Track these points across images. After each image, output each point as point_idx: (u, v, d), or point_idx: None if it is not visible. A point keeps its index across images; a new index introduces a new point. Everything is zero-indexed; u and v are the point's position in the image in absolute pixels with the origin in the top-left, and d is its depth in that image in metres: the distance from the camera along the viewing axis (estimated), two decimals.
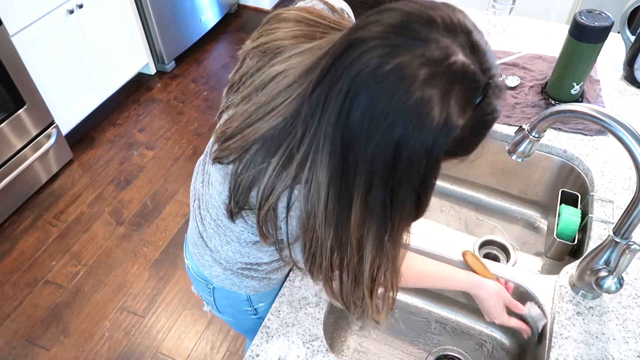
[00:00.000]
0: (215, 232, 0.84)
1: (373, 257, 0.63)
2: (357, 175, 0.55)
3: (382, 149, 0.53)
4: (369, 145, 0.53)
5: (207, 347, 1.82)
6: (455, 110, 0.51)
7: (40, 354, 1.81)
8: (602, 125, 0.74)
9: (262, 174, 0.65)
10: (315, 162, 0.59)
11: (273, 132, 0.63)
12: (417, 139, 0.52)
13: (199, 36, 3.24)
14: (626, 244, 0.80)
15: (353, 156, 0.55)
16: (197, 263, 0.95)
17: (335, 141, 0.55)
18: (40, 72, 2.22)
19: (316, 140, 0.58)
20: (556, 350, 0.86)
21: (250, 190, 0.67)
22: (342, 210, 0.59)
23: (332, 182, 0.58)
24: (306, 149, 0.60)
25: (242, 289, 0.93)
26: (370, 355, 1.07)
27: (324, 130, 0.56)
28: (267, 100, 0.65)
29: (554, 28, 1.65)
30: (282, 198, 0.64)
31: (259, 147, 0.65)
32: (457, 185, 1.41)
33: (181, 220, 2.25)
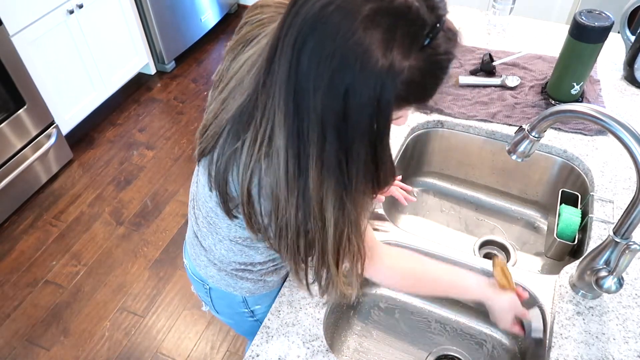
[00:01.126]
0: (208, 230, 0.84)
1: (335, 220, 0.61)
2: (310, 130, 0.54)
3: (331, 95, 0.51)
4: (318, 93, 0.52)
5: (207, 347, 1.82)
6: (400, 51, 0.50)
7: (40, 354, 1.81)
8: (602, 125, 0.74)
9: (235, 155, 0.64)
10: (274, 129, 0.58)
11: (241, 110, 0.62)
12: (364, 81, 0.50)
13: (199, 36, 3.24)
14: (626, 244, 0.80)
15: (305, 110, 0.53)
16: (193, 263, 0.95)
17: (288, 98, 0.54)
18: (40, 72, 2.22)
19: (273, 105, 0.57)
20: (556, 350, 0.86)
21: (227, 175, 0.66)
22: (302, 174, 0.58)
23: (289, 144, 0.57)
24: (267, 118, 0.58)
25: (237, 290, 0.93)
26: (370, 355, 1.07)
27: (278, 90, 0.55)
28: (237, 84, 0.65)
29: (554, 28, 1.65)
30: (254, 178, 0.63)
31: (229, 129, 0.64)
32: (457, 185, 1.41)
33: (181, 220, 2.25)
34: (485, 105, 1.33)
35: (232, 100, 0.65)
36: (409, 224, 1.32)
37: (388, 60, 0.49)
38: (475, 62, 1.47)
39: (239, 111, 0.63)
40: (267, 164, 0.60)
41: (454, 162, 1.38)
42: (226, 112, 0.65)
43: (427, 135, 1.34)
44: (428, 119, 1.32)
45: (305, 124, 0.54)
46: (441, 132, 1.33)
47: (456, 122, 1.31)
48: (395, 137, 1.27)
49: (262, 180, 0.62)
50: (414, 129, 1.31)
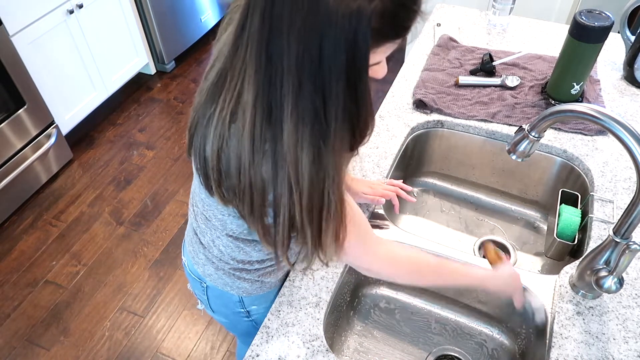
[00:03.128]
0: (206, 226, 0.84)
1: (311, 176, 0.57)
2: (285, 80, 0.53)
3: (305, 38, 0.51)
4: (291, 39, 0.51)
5: (207, 347, 1.82)
6: None
7: (40, 354, 1.81)
8: (602, 125, 0.74)
9: (209, 123, 0.62)
10: (243, 85, 0.56)
11: (218, 76, 0.62)
12: (337, 18, 0.50)
13: (199, 36, 3.24)
14: (626, 244, 0.80)
15: (278, 59, 0.52)
16: (192, 261, 0.96)
17: (260, 49, 0.53)
18: (40, 72, 2.22)
19: (245, 61, 0.55)
20: (556, 350, 0.86)
21: (205, 145, 0.64)
22: (271, 129, 0.56)
23: (257, 99, 0.55)
24: (237, 76, 0.57)
25: (234, 289, 0.93)
26: (370, 355, 1.07)
27: (250, 43, 0.54)
28: (218, 56, 0.65)
29: (554, 28, 1.65)
30: (222, 141, 0.60)
31: (207, 99, 0.63)
32: (457, 185, 1.41)
33: (181, 220, 2.25)
34: (485, 105, 1.33)
35: (212, 71, 0.64)
36: (409, 224, 1.32)
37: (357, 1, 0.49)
38: (475, 62, 1.47)
39: (215, 78, 0.62)
40: (235, 124, 0.59)
41: (454, 162, 1.38)
42: (206, 82, 0.65)
43: (427, 135, 1.34)
44: (428, 119, 1.32)
45: (278, 74, 0.53)
46: (441, 132, 1.33)
47: (456, 122, 1.31)
48: (395, 137, 1.27)
49: (230, 142, 0.60)
50: (414, 129, 1.31)
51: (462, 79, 1.40)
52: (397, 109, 1.35)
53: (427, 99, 1.33)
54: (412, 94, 1.39)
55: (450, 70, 1.45)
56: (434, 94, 1.36)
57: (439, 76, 1.43)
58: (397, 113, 1.34)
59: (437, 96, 1.36)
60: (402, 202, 1.35)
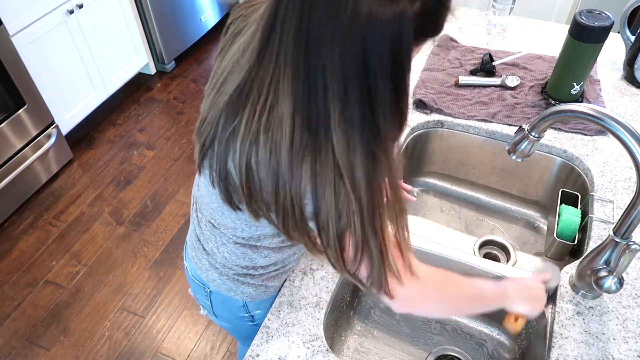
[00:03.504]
0: (211, 233, 0.83)
1: (368, 178, 0.56)
2: (329, 86, 0.52)
3: (349, 46, 0.50)
4: (334, 47, 0.50)
5: (207, 347, 1.82)
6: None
7: (40, 354, 1.81)
8: (602, 125, 0.74)
9: (234, 135, 0.60)
10: (277, 96, 0.55)
11: (239, 90, 0.60)
12: (382, 25, 0.50)
13: (199, 36, 3.24)
14: (626, 244, 0.80)
15: (319, 67, 0.52)
16: (195, 266, 0.94)
17: (297, 59, 0.52)
18: (40, 72, 2.22)
19: (276, 73, 0.55)
20: (556, 350, 0.86)
21: (227, 159, 0.62)
22: (315, 139, 0.55)
23: (297, 109, 0.54)
24: (267, 88, 0.56)
25: (238, 294, 0.92)
26: (370, 355, 1.07)
27: (283, 55, 0.53)
28: (231, 69, 0.63)
29: (554, 28, 1.65)
30: (252, 154, 0.59)
31: (227, 111, 0.61)
32: (457, 185, 1.41)
33: (181, 220, 2.25)
34: (485, 105, 1.33)
35: (228, 85, 0.62)
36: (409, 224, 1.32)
37: (399, 4, 0.49)
38: (475, 62, 1.47)
39: (236, 92, 0.60)
40: (267, 136, 0.57)
41: (454, 162, 1.38)
42: (222, 96, 0.62)
43: (427, 135, 1.34)
44: (428, 119, 1.32)
45: (319, 82, 0.52)
46: (441, 132, 1.33)
47: (456, 122, 1.31)
48: None
49: (261, 155, 0.58)
50: (414, 129, 1.31)
51: (462, 79, 1.40)
52: None
53: (427, 99, 1.33)
54: (412, 94, 1.39)
55: (450, 70, 1.45)
56: (434, 94, 1.36)
57: (439, 76, 1.43)
58: None
59: (437, 96, 1.36)
60: None
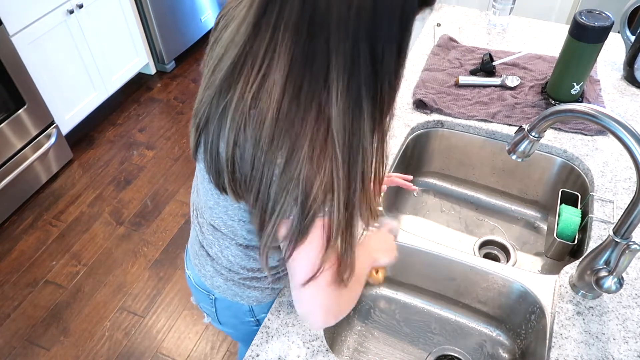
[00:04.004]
0: (213, 237, 0.83)
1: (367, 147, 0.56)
2: (335, 47, 0.51)
3: (360, 7, 0.49)
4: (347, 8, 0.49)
5: (207, 347, 1.82)
6: None
7: (40, 354, 1.81)
8: (602, 125, 0.74)
9: (225, 111, 0.58)
10: (271, 65, 0.54)
11: (233, 64, 0.58)
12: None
13: (199, 36, 3.24)
14: (626, 244, 0.80)
15: (325, 25, 0.50)
16: (198, 274, 0.93)
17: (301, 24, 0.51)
18: (40, 72, 2.22)
19: (275, 38, 0.53)
20: (556, 350, 0.86)
21: (219, 139, 0.60)
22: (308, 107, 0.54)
23: (291, 75, 0.52)
24: (262, 58, 0.54)
25: (244, 299, 0.91)
26: (370, 355, 1.07)
27: (287, 15, 0.51)
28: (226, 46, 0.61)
29: (554, 28, 1.65)
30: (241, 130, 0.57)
31: (222, 88, 0.59)
32: (457, 185, 1.41)
33: (181, 220, 2.25)
34: (485, 105, 1.33)
35: (223, 62, 0.60)
36: (409, 223, 1.32)
37: None
38: (475, 62, 1.47)
39: (231, 67, 0.58)
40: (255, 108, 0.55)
41: (454, 162, 1.38)
42: (218, 73, 0.60)
43: (427, 135, 1.34)
44: (428, 119, 1.32)
45: (321, 43, 0.51)
46: (441, 132, 1.33)
47: (456, 122, 1.31)
48: (395, 137, 1.27)
49: (249, 130, 0.56)
50: (414, 129, 1.31)
51: (462, 79, 1.40)
52: (397, 109, 1.35)
53: (427, 99, 1.33)
54: (412, 94, 1.39)
55: (450, 70, 1.45)
56: (434, 94, 1.36)
57: (439, 76, 1.43)
58: (397, 113, 1.34)
59: (437, 96, 1.36)
60: (403, 202, 1.36)
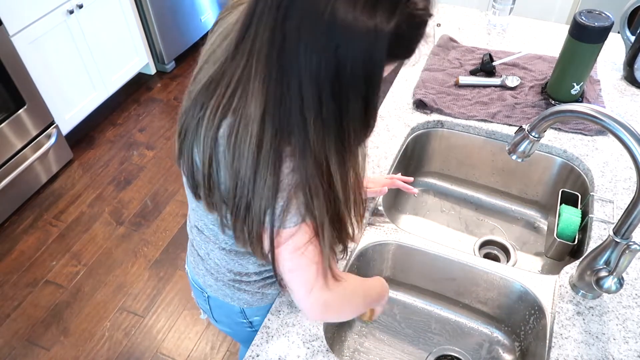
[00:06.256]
0: (200, 239, 0.84)
1: (341, 176, 0.62)
2: (304, 90, 0.54)
3: (325, 55, 0.52)
4: (311, 55, 0.52)
5: (207, 347, 1.82)
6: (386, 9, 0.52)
7: (40, 354, 1.81)
8: (602, 125, 0.74)
9: (198, 126, 0.62)
10: (246, 96, 0.57)
11: (210, 80, 0.61)
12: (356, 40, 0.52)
13: (199, 36, 3.24)
14: (626, 244, 0.80)
15: (294, 72, 0.53)
16: (193, 271, 0.95)
17: (269, 62, 0.54)
18: (40, 72, 2.22)
19: (246, 72, 0.56)
20: (556, 350, 0.86)
21: (193, 147, 0.64)
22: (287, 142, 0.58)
23: (268, 112, 0.56)
24: (235, 85, 0.58)
25: (234, 300, 0.91)
26: (370, 355, 1.07)
27: (256, 55, 0.55)
28: (208, 57, 0.65)
29: (554, 28, 1.65)
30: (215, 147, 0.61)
31: (197, 100, 0.63)
32: (457, 185, 1.41)
33: (181, 220, 2.25)
34: (485, 105, 1.33)
35: (202, 73, 0.64)
36: (409, 224, 1.32)
37: (374, 19, 0.51)
38: (475, 62, 1.47)
39: (208, 81, 0.62)
40: (230, 137, 0.59)
41: (454, 162, 1.38)
42: (196, 84, 0.64)
43: (427, 135, 1.34)
44: (428, 119, 1.32)
45: (293, 86, 0.54)
46: (441, 132, 1.33)
47: (456, 122, 1.31)
48: (395, 137, 1.27)
49: (221, 154, 0.61)
50: (414, 129, 1.31)
51: (462, 79, 1.40)
52: (397, 109, 1.35)
53: (427, 99, 1.33)
54: (412, 94, 1.39)
55: (450, 70, 1.45)
56: (434, 94, 1.36)
57: (439, 76, 1.43)
58: (397, 113, 1.34)
59: (437, 96, 1.36)
60: (403, 202, 1.36)
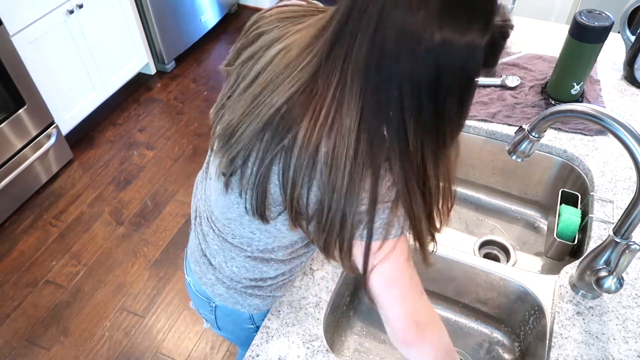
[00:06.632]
0: (219, 247, 0.82)
1: (436, 177, 0.64)
2: (404, 99, 0.56)
3: (425, 61, 0.54)
4: (411, 61, 0.54)
5: (207, 347, 1.82)
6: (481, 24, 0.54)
7: (40, 354, 1.81)
8: (602, 125, 0.74)
9: (283, 153, 0.61)
10: (340, 110, 0.58)
11: (288, 105, 0.60)
12: (455, 51, 0.54)
13: (199, 36, 3.24)
14: (626, 244, 0.80)
15: (393, 80, 0.55)
16: (199, 281, 0.92)
17: (368, 72, 0.56)
18: (40, 72, 2.22)
19: (339, 86, 0.58)
20: (556, 350, 0.86)
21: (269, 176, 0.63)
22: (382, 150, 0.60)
23: (364, 121, 0.58)
24: (330, 102, 0.58)
25: (245, 307, 0.90)
26: (370, 355, 1.07)
27: (352, 66, 0.56)
28: (272, 78, 0.63)
29: (554, 28, 1.65)
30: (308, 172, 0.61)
31: (277, 126, 0.60)
32: (457, 185, 1.41)
33: (181, 220, 2.25)
34: (485, 105, 1.33)
35: (270, 97, 0.61)
36: None
37: (471, 35, 0.54)
38: None
39: (285, 106, 0.60)
40: (327, 151, 0.59)
41: None
42: (261, 113, 0.61)
43: None
44: None
45: (392, 95, 0.56)
46: None
47: None
48: None
49: (318, 172, 0.61)
50: None
51: None
52: None
53: None
54: None
55: None
56: None
57: None
58: None
59: None
60: None
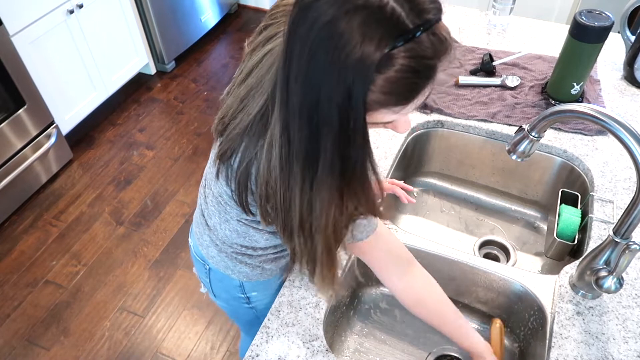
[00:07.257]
0: (215, 209, 0.84)
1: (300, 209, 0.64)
2: (291, 120, 0.57)
3: (308, 84, 0.53)
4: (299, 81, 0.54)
5: (207, 347, 1.82)
6: (372, 45, 0.49)
7: (40, 354, 1.81)
8: (602, 125, 0.74)
9: (257, 157, 0.65)
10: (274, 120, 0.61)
11: (261, 114, 0.65)
12: (336, 73, 0.51)
13: (199, 36, 3.24)
14: (626, 244, 0.80)
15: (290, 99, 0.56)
16: (197, 242, 0.97)
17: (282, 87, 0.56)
18: (40, 72, 2.22)
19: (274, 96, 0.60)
20: (556, 350, 0.86)
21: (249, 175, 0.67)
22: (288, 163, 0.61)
23: (282, 133, 0.59)
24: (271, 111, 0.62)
25: (235, 273, 0.94)
26: (370, 355, 1.07)
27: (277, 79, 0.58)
28: (257, 82, 0.67)
29: (554, 28, 1.65)
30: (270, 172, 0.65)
31: (251, 133, 0.66)
32: (457, 186, 1.41)
33: (181, 220, 2.25)
34: (485, 105, 1.33)
35: (252, 101, 0.67)
36: (409, 224, 1.32)
37: (357, 53, 0.49)
38: (475, 62, 1.47)
39: (259, 115, 0.65)
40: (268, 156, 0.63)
41: (454, 162, 1.38)
42: (246, 114, 0.67)
43: (427, 135, 1.34)
44: (428, 119, 1.32)
45: (290, 113, 0.56)
46: (441, 132, 1.33)
47: (456, 122, 1.31)
48: (395, 137, 1.27)
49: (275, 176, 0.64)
50: (414, 129, 1.31)
51: (462, 79, 1.40)
52: None
53: (427, 99, 1.33)
54: None
55: (450, 70, 1.45)
56: (434, 94, 1.36)
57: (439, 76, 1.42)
58: None
59: (437, 96, 1.36)
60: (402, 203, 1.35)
